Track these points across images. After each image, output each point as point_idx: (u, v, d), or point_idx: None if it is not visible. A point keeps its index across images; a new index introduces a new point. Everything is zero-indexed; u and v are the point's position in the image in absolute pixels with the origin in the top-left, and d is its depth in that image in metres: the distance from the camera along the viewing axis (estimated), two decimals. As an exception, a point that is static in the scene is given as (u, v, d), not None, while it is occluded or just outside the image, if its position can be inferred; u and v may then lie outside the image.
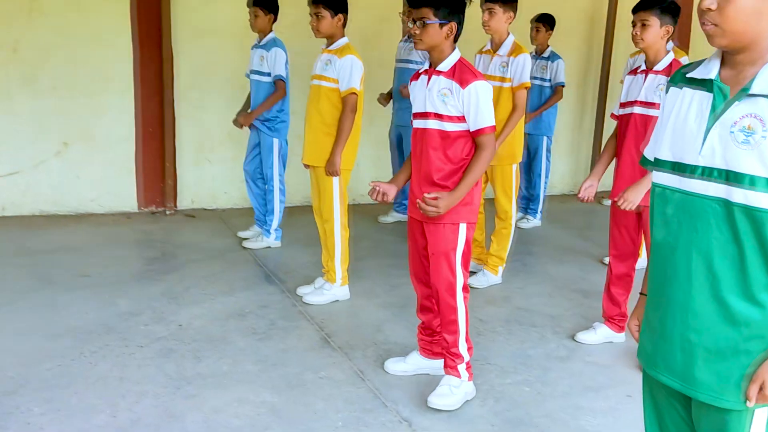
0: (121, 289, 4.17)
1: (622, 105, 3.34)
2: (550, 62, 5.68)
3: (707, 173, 1.44)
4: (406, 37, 5.37)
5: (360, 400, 2.99)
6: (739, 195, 1.39)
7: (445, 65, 2.75)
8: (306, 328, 3.74)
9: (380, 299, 4.15)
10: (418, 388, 3.10)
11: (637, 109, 3.21)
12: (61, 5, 5.40)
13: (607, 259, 4.81)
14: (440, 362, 3.20)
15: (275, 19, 4.84)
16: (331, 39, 3.86)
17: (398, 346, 3.51)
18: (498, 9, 4.05)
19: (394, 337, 3.63)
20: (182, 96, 5.81)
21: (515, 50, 4.10)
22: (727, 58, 1.47)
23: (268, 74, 4.86)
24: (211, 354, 3.38)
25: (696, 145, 1.46)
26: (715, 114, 1.44)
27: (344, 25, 3.85)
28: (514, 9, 4.15)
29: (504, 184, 4.30)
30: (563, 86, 5.73)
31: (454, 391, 2.91)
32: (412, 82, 2.93)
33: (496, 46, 4.18)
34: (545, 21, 5.65)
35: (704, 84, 1.49)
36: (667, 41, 3.24)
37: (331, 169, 3.81)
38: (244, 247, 5.01)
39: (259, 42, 4.92)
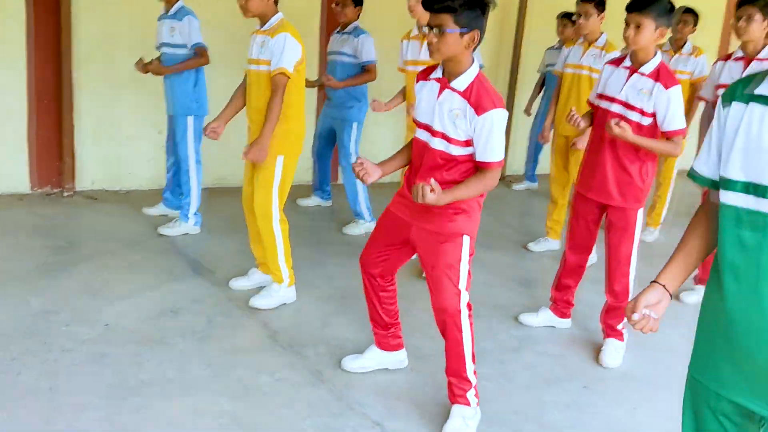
0: (31, 284, 3.73)
1: (600, 96, 3.30)
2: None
3: None
4: (339, 28, 5.11)
5: (324, 404, 2.85)
6: None
7: (461, 83, 2.46)
8: (249, 326, 3.52)
9: (320, 291, 3.99)
10: (381, 386, 3.00)
11: (616, 108, 3.17)
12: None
13: (531, 245, 4.98)
14: (399, 354, 3.13)
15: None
16: (263, 18, 3.54)
17: (349, 341, 3.38)
18: None
19: (344, 332, 3.49)
20: (81, 66, 5.27)
21: None
22: None
23: (183, 46, 4.51)
24: (150, 358, 3.09)
25: None
26: None
27: (276, 1, 3.56)
28: None
29: None
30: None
31: (469, 424, 2.69)
32: (420, 82, 2.66)
33: None
34: None
35: None
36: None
37: (255, 155, 3.45)
38: (161, 234, 4.64)
39: (166, 12, 4.54)
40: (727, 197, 1.53)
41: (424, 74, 2.68)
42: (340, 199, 5.55)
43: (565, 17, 5.88)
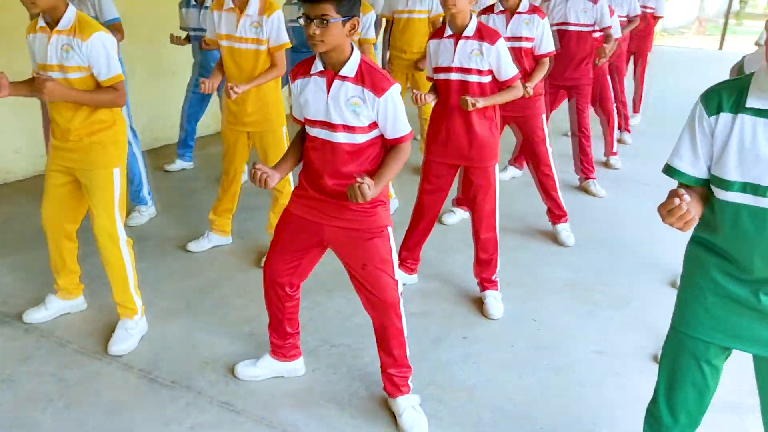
0: None
1: (436, 70, 3.36)
2: None
3: None
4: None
5: (257, 437, 2.64)
6: None
7: (349, 69, 2.39)
8: (110, 372, 3.00)
9: (168, 304, 3.56)
10: (300, 397, 2.87)
11: (455, 76, 3.28)
12: None
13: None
14: (296, 363, 3.02)
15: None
16: (54, 13, 2.81)
17: (230, 356, 3.12)
18: None
19: (219, 347, 3.20)
20: None
21: (267, 8, 3.65)
22: None
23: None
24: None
25: None
26: None
27: None
28: None
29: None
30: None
31: (419, 410, 2.73)
32: (298, 80, 2.48)
33: (242, 4, 3.64)
34: None
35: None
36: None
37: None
38: None
39: None
40: (725, 195, 1.77)
41: (301, 72, 2.52)
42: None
43: None
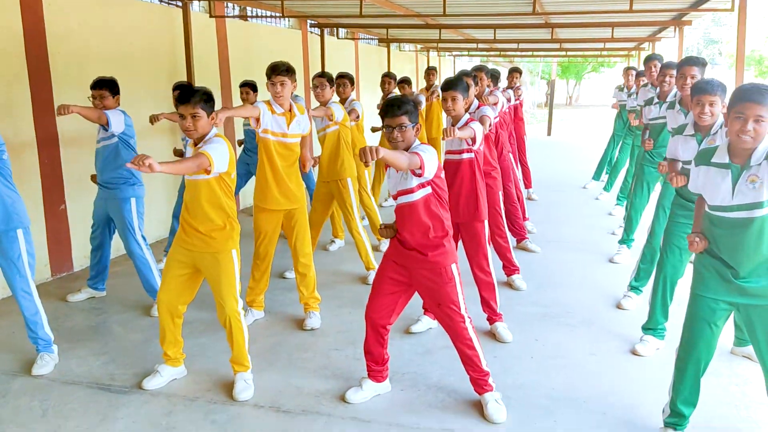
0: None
1: (449, 152, 4.58)
2: None
3: (737, 208, 2.99)
4: None
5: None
6: (758, 213, 3.00)
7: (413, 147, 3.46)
8: (247, 413, 3.70)
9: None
10: (399, 406, 3.74)
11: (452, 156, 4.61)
12: None
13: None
14: (387, 383, 3.90)
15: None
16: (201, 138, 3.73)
17: (334, 389, 3.92)
18: None
19: (320, 386, 3.98)
20: None
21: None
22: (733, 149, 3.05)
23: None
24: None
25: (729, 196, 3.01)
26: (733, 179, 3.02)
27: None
28: None
29: None
30: None
31: (500, 402, 3.67)
32: None
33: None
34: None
35: (725, 165, 3.05)
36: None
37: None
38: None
39: None
40: (711, 209, 3.11)
41: None
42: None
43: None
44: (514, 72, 9.82)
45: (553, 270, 6.38)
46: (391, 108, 3.41)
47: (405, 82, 9.15)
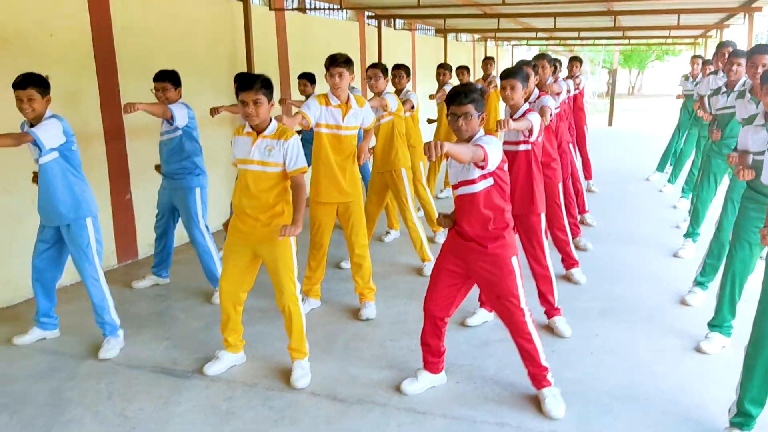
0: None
1: (506, 143, 4.52)
2: None
3: None
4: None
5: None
6: None
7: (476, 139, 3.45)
8: (304, 400, 3.77)
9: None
10: (454, 399, 3.73)
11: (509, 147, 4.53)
12: None
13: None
14: (443, 374, 3.88)
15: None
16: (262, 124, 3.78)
17: (388, 379, 3.95)
18: None
19: (375, 376, 4.01)
20: None
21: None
22: None
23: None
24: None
25: None
26: None
27: None
28: None
29: None
30: None
31: (558, 397, 3.60)
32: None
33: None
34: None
35: None
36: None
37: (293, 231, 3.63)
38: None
39: None
40: None
41: None
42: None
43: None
44: (575, 61, 9.63)
45: (613, 264, 6.23)
46: (458, 96, 3.32)
47: (464, 68, 9.08)
